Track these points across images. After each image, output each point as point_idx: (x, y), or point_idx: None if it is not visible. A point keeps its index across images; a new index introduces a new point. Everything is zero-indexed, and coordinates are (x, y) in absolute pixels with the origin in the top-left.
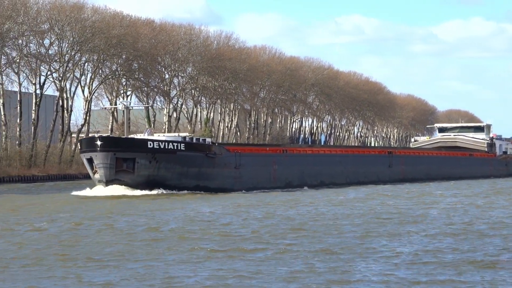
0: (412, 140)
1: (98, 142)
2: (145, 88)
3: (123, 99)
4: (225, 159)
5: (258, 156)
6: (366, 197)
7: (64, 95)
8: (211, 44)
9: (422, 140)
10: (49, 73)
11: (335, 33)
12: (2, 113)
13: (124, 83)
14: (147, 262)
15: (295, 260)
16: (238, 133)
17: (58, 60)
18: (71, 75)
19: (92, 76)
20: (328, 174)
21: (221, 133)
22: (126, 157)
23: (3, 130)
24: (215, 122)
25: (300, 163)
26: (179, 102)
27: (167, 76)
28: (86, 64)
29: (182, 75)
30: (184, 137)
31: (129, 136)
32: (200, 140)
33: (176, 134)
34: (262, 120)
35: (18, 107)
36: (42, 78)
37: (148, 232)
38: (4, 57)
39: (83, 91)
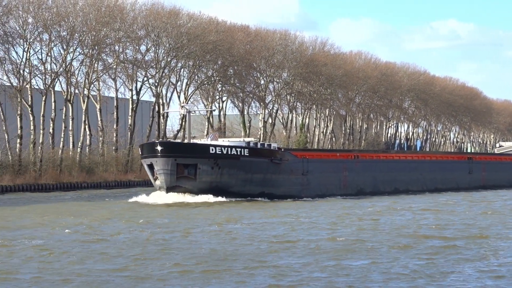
0: (497, 145)
1: (159, 148)
2: (241, 94)
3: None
4: (292, 165)
5: (327, 162)
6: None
7: (160, 100)
8: (306, 49)
9: (507, 145)
10: (145, 79)
11: (431, 38)
12: (99, 118)
13: (219, 89)
14: None
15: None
16: (333, 138)
17: (154, 66)
18: (167, 81)
19: (188, 82)
20: (403, 181)
21: (316, 138)
22: (188, 163)
23: (100, 136)
24: (310, 128)
25: (372, 170)
26: (274, 107)
27: (262, 81)
28: (182, 70)
29: (278, 80)
30: (248, 142)
31: (191, 141)
32: (265, 145)
33: (241, 139)
34: (358, 126)
35: (115, 113)
36: (139, 84)
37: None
38: (101, 63)
39: (179, 97)
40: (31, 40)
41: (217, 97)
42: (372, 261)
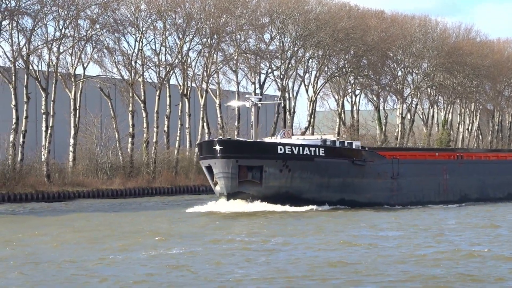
0: None
1: (217, 147)
2: (375, 87)
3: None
4: (378, 167)
5: (423, 164)
6: None
7: (286, 95)
8: (449, 37)
9: None
10: (269, 70)
11: None
12: (219, 115)
13: (352, 81)
14: None
15: None
16: (480, 136)
17: (279, 56)
18: (294, 73)
19: (317, 74)
20: None
21: (461, 136)
22: (252, 164)
23: (220, 134)
24: (453, 124)
25: (480, 172)
26: (413, 101)
27: (399, 73)
28: (310, 60)
29: (417, 71)
30: (325, 140)
31: (258, 140)
32: (346, 143)
33: (318, 136)
34: (507, 122)
35: (236, 109)
36: (262, 77)
37: None
38: (220, 54)
39: (307, 91)
40: (143, 29)
41: (349, 90)
42: None
